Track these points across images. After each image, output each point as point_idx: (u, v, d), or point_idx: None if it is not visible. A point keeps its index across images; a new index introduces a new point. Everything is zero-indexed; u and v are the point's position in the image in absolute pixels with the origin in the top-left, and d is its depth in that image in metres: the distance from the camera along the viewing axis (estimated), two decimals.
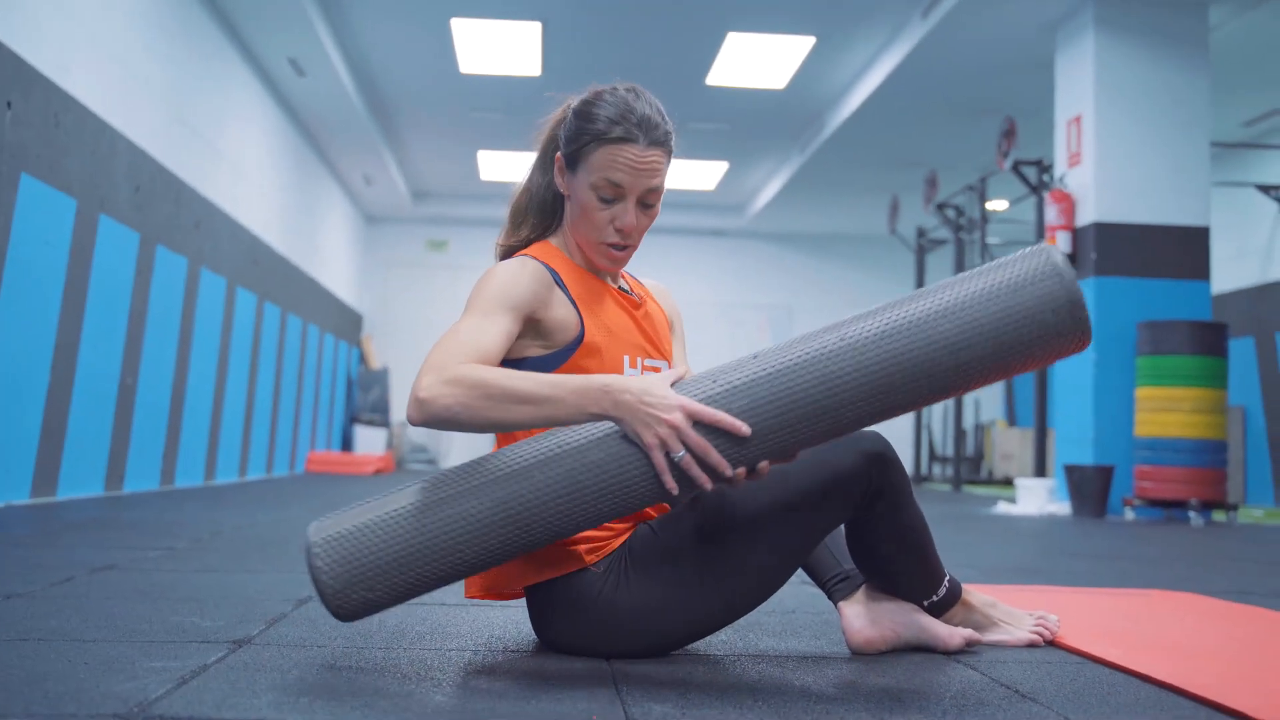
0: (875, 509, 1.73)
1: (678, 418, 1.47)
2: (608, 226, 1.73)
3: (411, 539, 1.51)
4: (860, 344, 1.49)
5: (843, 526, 1.82)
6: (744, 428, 1.47)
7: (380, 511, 1.53)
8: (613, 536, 1.71)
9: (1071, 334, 1.50)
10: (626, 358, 1.75)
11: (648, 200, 1.74)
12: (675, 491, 1.49)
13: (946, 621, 1.89)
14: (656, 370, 1.79)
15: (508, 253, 1.83)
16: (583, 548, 1.68)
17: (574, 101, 1.79)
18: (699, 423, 1.48)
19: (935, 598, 1.86)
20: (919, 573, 1.83)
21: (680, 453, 1.47)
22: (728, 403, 1.49)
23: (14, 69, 4.36)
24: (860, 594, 1.84)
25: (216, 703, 1.34)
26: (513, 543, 1.52)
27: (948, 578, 1.88)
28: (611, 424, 1.51)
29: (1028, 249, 1.53)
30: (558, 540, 1.58)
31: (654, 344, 1.83)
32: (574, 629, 1.69)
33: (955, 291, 1.51)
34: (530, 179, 1.86)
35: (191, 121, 6.70)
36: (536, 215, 1.85)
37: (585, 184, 1.72)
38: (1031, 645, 1.93)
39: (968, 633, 1.86)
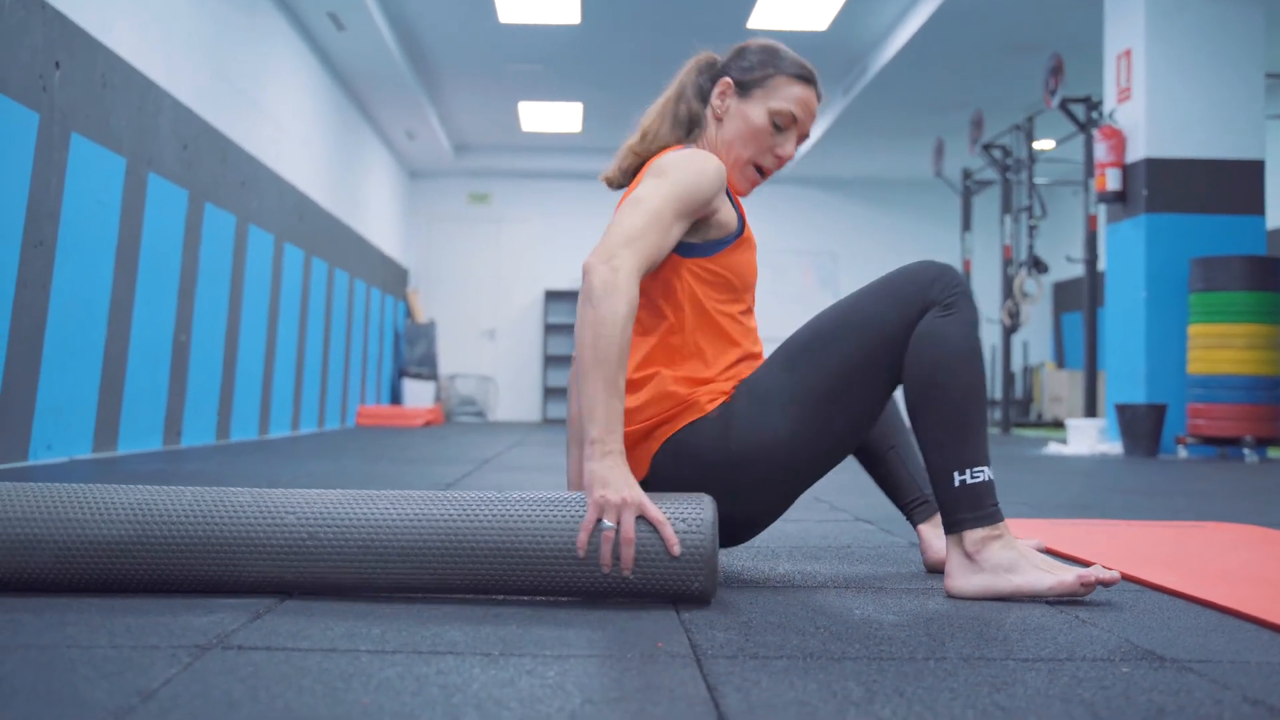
0: (935, 302, 1.71)
1: (631, 498, 1.54)
2: (769, 152, 1.88)
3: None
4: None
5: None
6: (676, 547, 1.54)
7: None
8: (723, 390, 1.77)
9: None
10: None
11: (800, 141, 1.90)
12: (581, 552, 1.54)
13: (979, 546, 1.68)
14: None
15: (637, 159, 1.89)
16: (704, 398, 1.76)
17: (725, 51, 1.95)
18: (642, 517, 1.56)
19: (967, 478, 1.68)
20: (952, 419, 1.68)
21: (611, 524, 1.53)
22: None
23: (60, 29, 4.40)
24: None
25: (291, 633, 1.38)
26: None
27: (989, 474, 1.70)
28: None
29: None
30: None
31: None
32: (702, 481, 1.74)
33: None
34: (668, 104, 1.92)
35: (234, 78, 6.74)
36: (673, 130, 1.91)
37: (762, 108, 1.86)
38: (1070, 593, 1.66)
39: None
